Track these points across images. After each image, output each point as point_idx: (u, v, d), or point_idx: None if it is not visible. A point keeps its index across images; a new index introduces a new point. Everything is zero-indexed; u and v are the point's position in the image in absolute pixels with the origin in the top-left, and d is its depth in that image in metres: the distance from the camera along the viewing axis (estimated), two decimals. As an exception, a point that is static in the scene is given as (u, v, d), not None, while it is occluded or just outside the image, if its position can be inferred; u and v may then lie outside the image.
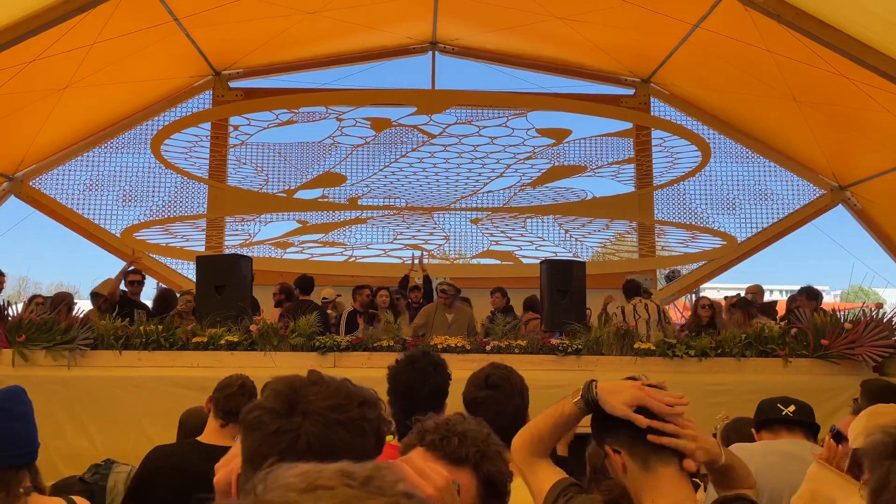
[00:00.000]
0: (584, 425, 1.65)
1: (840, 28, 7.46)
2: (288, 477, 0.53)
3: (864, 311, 6.26)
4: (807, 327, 6.15)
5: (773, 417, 2.80)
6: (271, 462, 1.03)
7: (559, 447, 3.08)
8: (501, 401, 2.16)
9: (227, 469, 1.55)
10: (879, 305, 6.31)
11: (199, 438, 2.85)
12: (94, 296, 7.10)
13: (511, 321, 6.83)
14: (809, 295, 7.31)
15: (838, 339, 6.01)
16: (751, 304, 7.27)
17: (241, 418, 1.14)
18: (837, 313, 6.30)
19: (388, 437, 2.20)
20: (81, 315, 6.37)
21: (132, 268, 7.70)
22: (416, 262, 9.74)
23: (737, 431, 3.07)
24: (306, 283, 7.76)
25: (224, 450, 2.71)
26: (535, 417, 1.71)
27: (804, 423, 2.78)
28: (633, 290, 7.45)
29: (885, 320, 6.10)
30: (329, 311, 7.81)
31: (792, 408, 2.79)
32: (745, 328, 6.46)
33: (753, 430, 2.87)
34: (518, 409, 2.19)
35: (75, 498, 2.13)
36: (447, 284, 7.50)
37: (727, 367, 5.98)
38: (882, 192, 10.27)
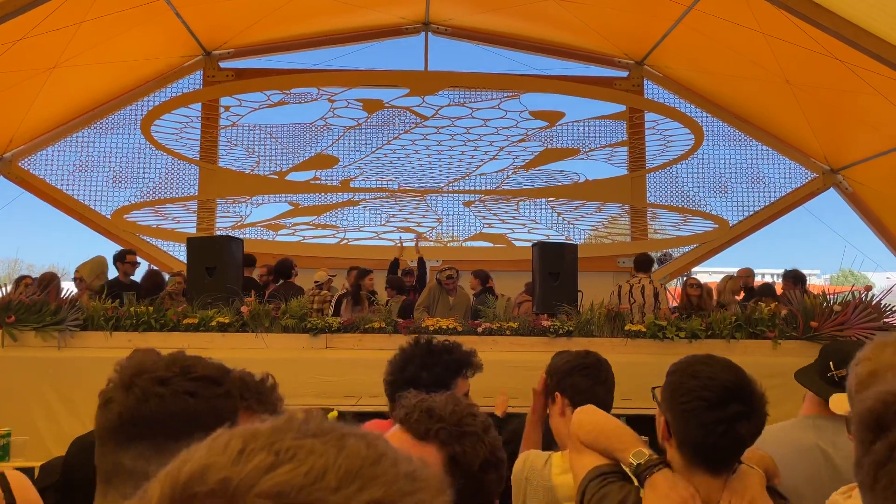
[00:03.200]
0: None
1: (834, 10, 7.43)
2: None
3: (853, 293, 6.30)
4: (796, 309, 6.18)
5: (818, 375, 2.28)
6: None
7: None
8: (605, 369, 2.27)
9: None
10: (868, 288, 6.35)
11: None
12: (79, 280, 7.05)
13: (494, 301, 6.88)
14: (795, 279, 7.32)
15: (827, 321, 6.05)
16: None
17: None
18: (827, 296, 6.34)
19: None
20: (69, 297, 6.35)
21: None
22: (413, 244, 9.68)
23: None
24: (285, 267, 7.71)
25: None
26: (607, 424, 1.76)
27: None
28: (644, 265, 7.37)
29: (873, 303, 6.14)
30: (324, 292, 7.81)
31: (843, 371, 2.15)
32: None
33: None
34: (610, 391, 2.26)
35: (7, 472, 2.00)
36: (453, 269, 7.52)
37: (717, 349, 5.97)
38: (873, 175, 10.30)
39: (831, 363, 2.26)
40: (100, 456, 1.13)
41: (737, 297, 7.73)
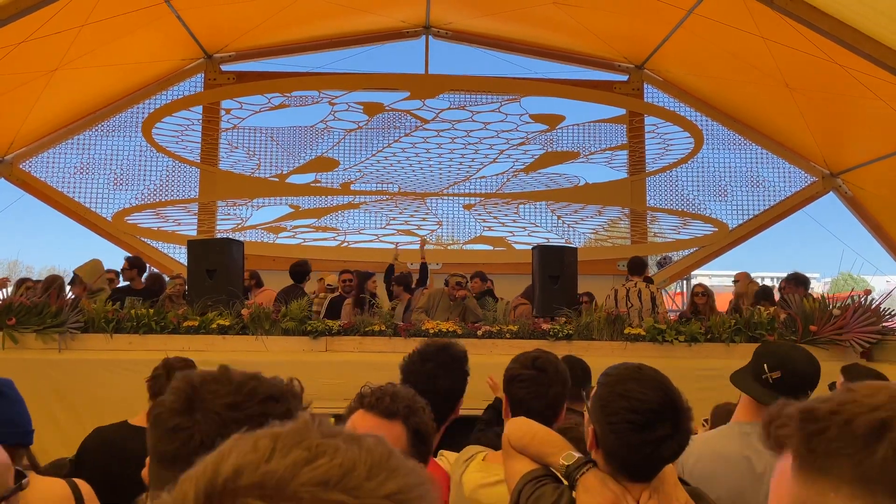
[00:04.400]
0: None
1: (833, 15, 7.45)
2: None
3: (852, 298, 6.30)
4: (796, 313, 6.19)
5: (751, 377, 2.31)
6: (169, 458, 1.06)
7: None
8: (544, 383, 2.19)
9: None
10: (868, 292, 6.35)
11: (129, 420, 3.09)
12: (77, 277, 7.04)
13: (494, 304, 6.88)
14: (797, 282, 7.33)
15: (827, 325, 6.05)
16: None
17: (147, 414, 1.18)
18: (826, 300, 6.34)
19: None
20: (71, 299, 6.37)
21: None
22: (418, 247, 9.65)
23: (728, 416, 3.00)
24: (301, 270, 7.80)
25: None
26: (538, 432, 1.82)
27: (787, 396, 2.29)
28: (637, 268, 7.37)
29: (872, 307, 6.14)
30: (321, 294, 7.85)
31: (777, 374, 2.23)
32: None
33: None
34: (558, 396, 2.21)
35: (78, 481, 2.15)
36: (464, 278, 7.53)
37: (716, 353, 6.02)
38: (873, 179, 10.31)
39: (765, 365, 2.26)
40: (162, 479, 1.13)
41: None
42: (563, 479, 1.65)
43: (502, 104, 11.91)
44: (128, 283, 7.70)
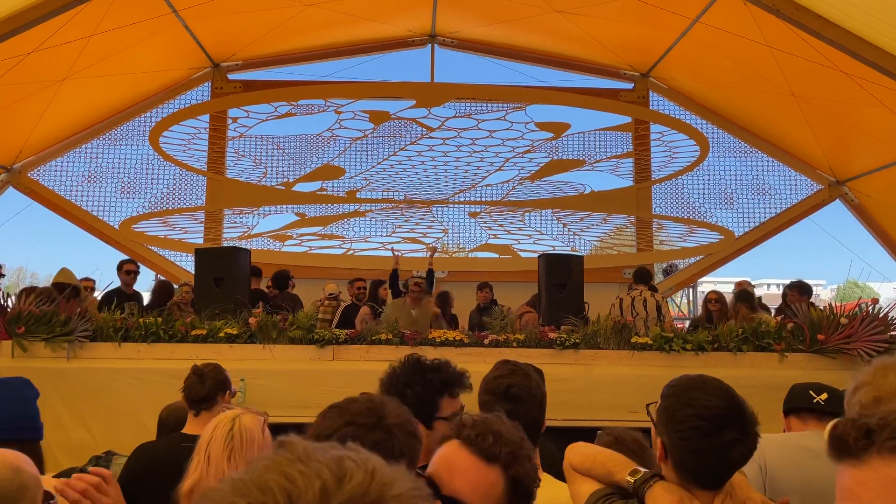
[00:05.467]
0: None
1: (838, 23, 7.46)
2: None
3: (860, 306, 6.28)
4: (803, 322, 6.17)
5: (802, 405, 2.75)
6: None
7: None
8: (521, 414, 2.04)
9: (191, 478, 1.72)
10: (875, 301, 6.33)
11: (182, 431, 3.02)
12: (58, 286, 7.02)
13: (499, 313, 6.86)
14: (802, 290, 7.32)
15: (834, 333, 6.03)
16: (752, 298, 7.29)
17: (333, 433, 1.33)
18: (834, 309, 6.32)
19: None
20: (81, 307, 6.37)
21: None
22: (428, 255, 9.62)
23: None
24: (283, 278, 7.85)
25: None
26: (599, 453, 1.85)
27: (835, 413, 2.53)
28: (642, 277, 7.37)
29: (880, 315, 6.12)
30: (335, 302, 7.88)
31: (824, 396, 2.72)
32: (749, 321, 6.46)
33: (782, 415, 2.84)
34: (536, 419, 2.10)
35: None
36: (419, 277, 7.36)
37: (724, 362, 6.01)
38: (879, 187, 10.30)
39: (810, 391, 2.71)
40: None
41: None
42: (631, 492, 1.67)
43: (508, 112, 11.94)
44: (119, 286, 7.64)
